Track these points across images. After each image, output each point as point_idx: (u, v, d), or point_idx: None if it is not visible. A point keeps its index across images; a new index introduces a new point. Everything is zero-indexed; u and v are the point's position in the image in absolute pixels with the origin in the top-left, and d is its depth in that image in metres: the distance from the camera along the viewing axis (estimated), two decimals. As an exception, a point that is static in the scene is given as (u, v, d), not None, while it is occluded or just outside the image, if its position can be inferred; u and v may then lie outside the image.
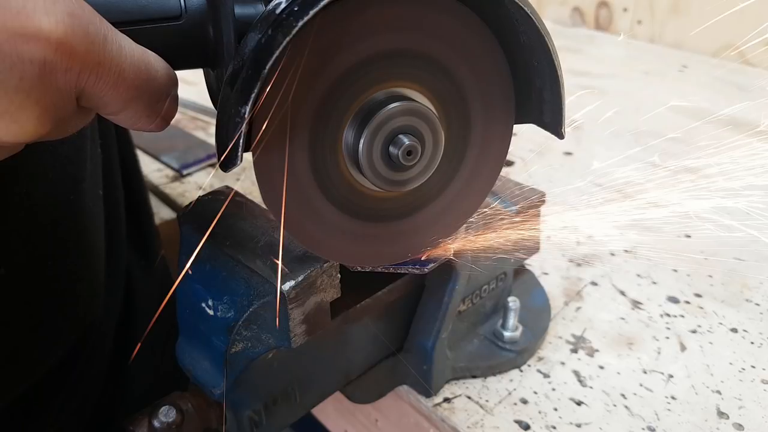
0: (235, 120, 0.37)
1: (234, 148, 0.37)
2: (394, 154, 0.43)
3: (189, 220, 0.53)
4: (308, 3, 0.36)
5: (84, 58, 0.34)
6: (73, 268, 0.64)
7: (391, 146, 0.43)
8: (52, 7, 0.32)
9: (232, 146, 0.37)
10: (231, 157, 0.38)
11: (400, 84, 0.44)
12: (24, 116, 0.33)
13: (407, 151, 0.43)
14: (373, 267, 0.51)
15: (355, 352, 0.60)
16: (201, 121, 1.21)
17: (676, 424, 0.60)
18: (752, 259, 0.81)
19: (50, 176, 0.59)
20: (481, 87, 0.47)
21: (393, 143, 0.43)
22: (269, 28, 0.37)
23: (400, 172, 0.44)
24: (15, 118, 0.33)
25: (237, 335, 0.49)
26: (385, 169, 0.44)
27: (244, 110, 0.37)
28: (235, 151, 0.37)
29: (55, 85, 0.34)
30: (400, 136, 0.43)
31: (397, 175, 0.45)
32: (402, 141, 0.43)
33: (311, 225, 0.46)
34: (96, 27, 0.34)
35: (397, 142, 0.43)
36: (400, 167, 0.44)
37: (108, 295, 0.70)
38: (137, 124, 0.40)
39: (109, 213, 0.71)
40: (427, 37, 0.43)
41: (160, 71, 0.39)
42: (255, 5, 0.43)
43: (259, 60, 0.37)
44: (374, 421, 0.71)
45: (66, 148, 0.60)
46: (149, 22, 0.40)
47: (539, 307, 0.71)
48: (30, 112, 0.33)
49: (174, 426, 0.50)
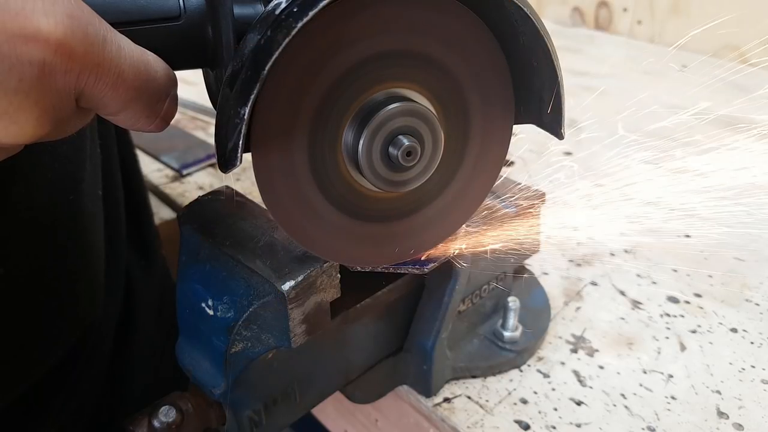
0: (235, 121, 0.37)
1: (233, 149, 0.37)
2: (393, 155, 0.43)
3: (189, 220, 0.53)
4: (307, 4, 0.36)
5: (83, 59, 0.34)
6: (73, 269, 0.64)
7: (390, 147, 0.43)
8: (51, 8, 0.32)
9: (232, 147, 0.37)
10: (230, 158, 0.38)
11: (400, 84, 0.44)
12: (23, 117, 0.33)
13: (407, 151, 0.43)
14: (373, 267, 0.51)
15: (355, 352, 0.60)
16: (201, 121, 1.21)
17: (675, 424, 0.60)
18: (752, 259, 0.81)
19: (49, 176, 0.59)
20: (481, 87, 0.47)
21: (392, 144, 0.43)
22: (268, 29, 0.37)
23: (400, 172, 0.44)
24: (14, 120, 0.33)
25: (237, 335, 0.49)
26: (385, 169, 0.44)
27: (243, 111, 0.37)
28: (235, 152, 0.37)
29: (54, 87, 0.34)
30: (399, 137, 0.43)
31: (397, 175, 0.44)
32: (401, 142, 0.43)
33: (310, 225, 0.46)
34: (95, 28, 0.34)
35: (396, 142, 0.43)
36: (399, 168, 0.44)
37: (108, 295, 0.70)
38: (137, 124, 0.40)
39: (108, 213, 0.71)
40: (426, 38, 0.43)
41: (159, 72, 0.39)
42: (254, 5, 0.43)
43: (258, 61, 0.37)
44: (374, 421, 0.71)
45: (65, 148, 0.60)
46: (148, 22, 0.40)
47: (539, 307, 0.71)
48: (29, 114, 0.33)
49: (174, 426, 0.50)
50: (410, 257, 0.52)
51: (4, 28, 0.31)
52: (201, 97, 1.23)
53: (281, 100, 0.40)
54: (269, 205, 0.43)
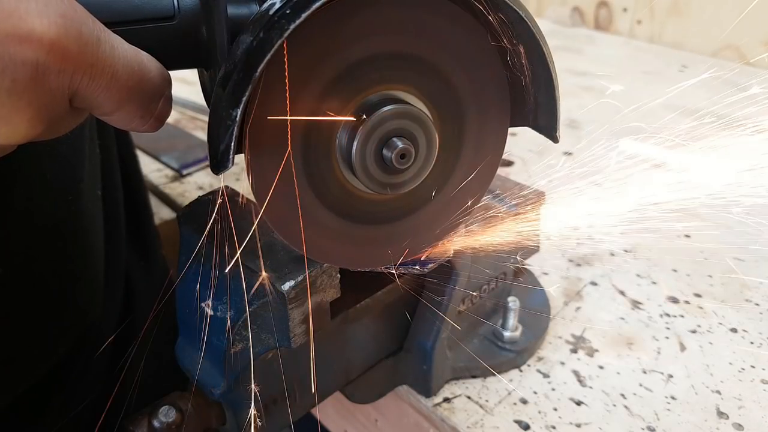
0: (227, 123, 0.37)
1: (225, 151, 0.37)
2: (387, 157, 0.43)
3: (189, 220, 0.53)
4: (300, 6, 0.36)
5: (77, 59, 0.33)
6: (73, 269, 0.64)
7: (384, 149, 0.43)
8: (44, 8, 0.32)
9: (224, 149, 0.37)
10: (222, 160, 0.38)
11: (394, 86, 0.44)
12: (16, 118, 0.33)
13: (401, 154, 0.43)
14: (372, 267, 0.51)
15: (355, 352, 0.60)
16: (201, 121, 1.21)
17: (675, 424, 0.60)
18: (752, 259, 0.81)
19: (49, 177, 0.59)
20: (476, 89, 0.47)
21: (386, 146, 0.43)
22: (261, 30, 0.37)
23: (394, 175, 0.44)
24: (7, 120, 0.33)
25: (237, 335, 0.49)
26: (379, 172, 0.43)
27: (235, 113, 0.37)
28: (227, 154, 0.37)
29: (47, 87, 0.33)
30: (393, 139, 0.43)
31: (391, 178, 0.44)
32: (395, 144, 0.42)
33: (304, 228, 0.45)
34: (89, 28, 0.34)
35: (390, 145, 0.43)
36: (393, 170, 0.43)
37: (107, 296, 0.70)
38: (131, 124, 0.40)
39: (108, 213, 0.71)
40: (421, 40, 0.43)
41: (153, 72, 0.38)
42: (249, 5, 0.42)
43: (250, 62, 0.36)
44: (374, 421, 0.71)
45: (64, 148, 0.60)
46: (142, 22, 0.40)
47: (539, 307, 0.71)
48: (22, 114, 0.33)
49: (174, 426, 0.50)
50: (405, 260, 0.51)
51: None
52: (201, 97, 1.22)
53: (275, 102, 0.40)
54: (261, 206, 0.43)
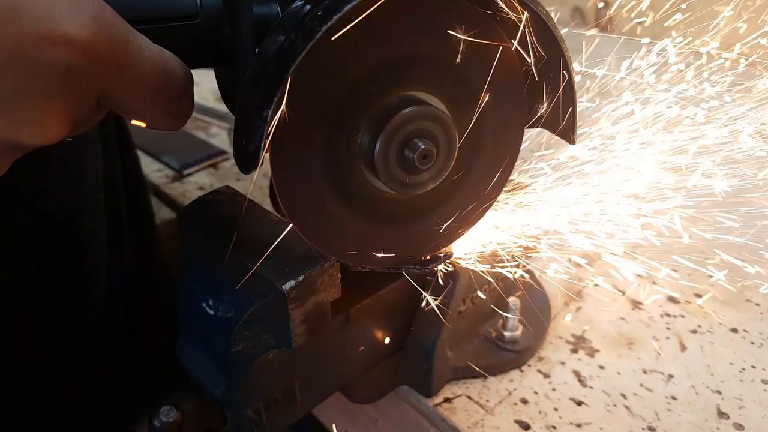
0: (257, 123, 0.37)
1: (255, 150, 0.37)
2: (409, 158, 0.43)
3: (189, 220, 0.53)
4: (331, 9, 0.36)
5: (107, 61, 0.33)
6: (73, 269, 0.64)
7: (406, 150, 0.43)
8: (77, 10, 0.32)
9: (254, 148, 0.37)
10: (252, 159, 0.38)
11: (415, 87, 0.44)
12: (48, 120, 0.33)
13: (423, 154, 0.43)
14: (373, 267, 0.51)
15: (356, 352, 0.60)
16: (201, 121, 1.21)
17: (676, 424, 0.60)
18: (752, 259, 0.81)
19: (50, 178, 0.59)
20: (495, 91, 0.46)
21: (408, 147, 0.43)
22: (292, 32, 0.37)
23: (416, 175, 0.44)
24: (39, 122, 0.33)
25: (238, 335, 0.49)
26: (401, 172, 0.43)
27: (266, 113, 0.37)
28: (257, 153, 0.37)
29: (78, 89, 0.33)
30: (415, 140, 0.42)
31: (412, 178, 0.44)
32: (418, 145, 0.42)
33: (326, 227, 0.45)
34: (118, 29, 0.34)
35: (412, 146, 0.43)
36: (415, 171, 0.43)
37: (108, 296, 0.70)
38: (155, 123, 0.40)
39: (109, 214, 0.71)
40: (442, 42, 0.43)
41: (177, 71, 0.38)
42: (270, 5, 0.42)
43: (281, 64, 0.36)
44: (374, 421, 0.71)
45: (67, 150, 0.60)
46: (165, 20, 0.40)
47: (539, 307, 0.71)
48: (54, 116, 0.33)
49: (174, 426, 0.50)
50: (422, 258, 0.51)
51: (30, 32, 0.30)
52: (201, 97, 1.23)
53: (301, 102, 0.40)
54: (285, 204, 0.43)
